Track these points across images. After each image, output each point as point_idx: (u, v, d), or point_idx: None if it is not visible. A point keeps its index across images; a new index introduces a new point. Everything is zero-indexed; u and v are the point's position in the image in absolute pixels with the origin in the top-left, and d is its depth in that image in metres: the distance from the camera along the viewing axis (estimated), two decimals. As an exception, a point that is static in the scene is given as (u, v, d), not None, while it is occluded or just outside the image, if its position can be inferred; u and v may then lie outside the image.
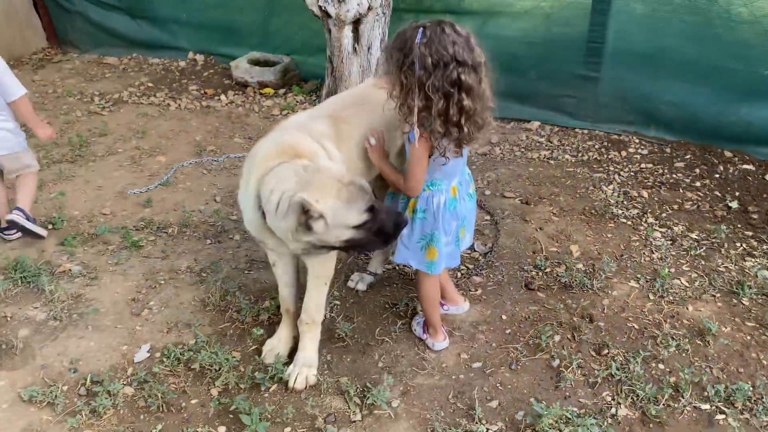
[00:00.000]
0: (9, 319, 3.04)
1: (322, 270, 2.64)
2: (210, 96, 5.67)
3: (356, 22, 4.83)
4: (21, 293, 3.22)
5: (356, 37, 4.89)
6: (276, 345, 2.83)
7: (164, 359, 2.80)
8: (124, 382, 2.69)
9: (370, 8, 4.73)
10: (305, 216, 2.21)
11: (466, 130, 2.25)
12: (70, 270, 3.36)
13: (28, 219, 3.46)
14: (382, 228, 2.33)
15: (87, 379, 2.70)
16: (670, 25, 4.63)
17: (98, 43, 6.64)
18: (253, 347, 2.90)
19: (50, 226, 3.70)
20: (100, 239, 3.64)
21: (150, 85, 5.88)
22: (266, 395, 2.65)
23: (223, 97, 5.61)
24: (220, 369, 2.73)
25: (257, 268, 3.42)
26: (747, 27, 4.46)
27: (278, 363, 2.71)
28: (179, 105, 5.45)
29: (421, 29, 2.18)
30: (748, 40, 4.44)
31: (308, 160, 2.35)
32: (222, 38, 6.35)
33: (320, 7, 4.78)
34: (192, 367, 2.77)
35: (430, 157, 2.41)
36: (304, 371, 2.69)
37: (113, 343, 2.92)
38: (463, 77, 2.17)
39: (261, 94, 5.69)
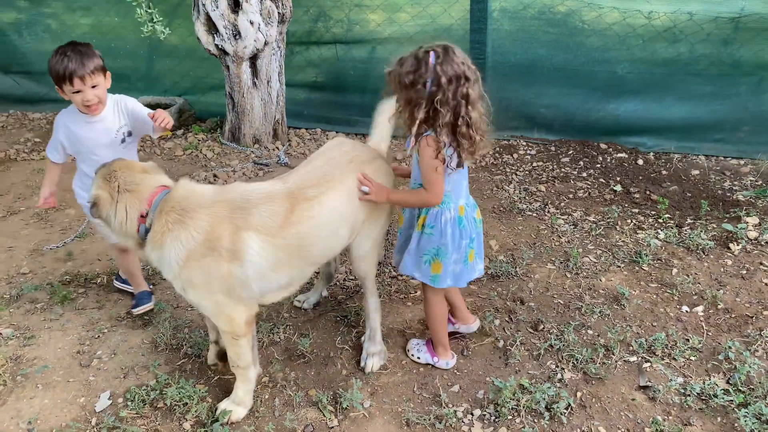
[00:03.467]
0: (-56, 392, 2.88)
1: (220, 324, 2.57)
2: (105, 145, 5.54)
3: (253, 58, 4.98)
4: (-50, 365, 3.04)
5: (255, 72, 5.04)
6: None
7: (129, 402, 2.78)
8: (93, 432, 2.65)
9: (266, 43, 4.90)
10: None
11: (477, 138, 2.48)
12: (0, 334, 3.22)
13: None
14: None
15: (51, 436, 2.63)
16: (538, 37, 5.18)
17: (-32, 103, 6.28)
18: (216, 378, 2.94)
19: (-35, 294, 3.52)
20: (25, 299, 3.50)
21: (37, 140, 5.66)
22: (240, 420, 2.71)
23: (119, 144, 5.50)
24: (188, 403, 2.75)
25: (200, 303, 3.45)
26: (601, 34, 5.08)
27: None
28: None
29: (432, 52, 2.39)
30: (605, 45, 5.06)
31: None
32: (107, 86, 6.22)
33: (216, 45, 4.88)
34: (159, 406, 2.77)
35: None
36: (233, 407, 2.70)
37: (68, 397, 2.85)
38: (470, 91, 2.41)
39: (159, 137, 5.64)
